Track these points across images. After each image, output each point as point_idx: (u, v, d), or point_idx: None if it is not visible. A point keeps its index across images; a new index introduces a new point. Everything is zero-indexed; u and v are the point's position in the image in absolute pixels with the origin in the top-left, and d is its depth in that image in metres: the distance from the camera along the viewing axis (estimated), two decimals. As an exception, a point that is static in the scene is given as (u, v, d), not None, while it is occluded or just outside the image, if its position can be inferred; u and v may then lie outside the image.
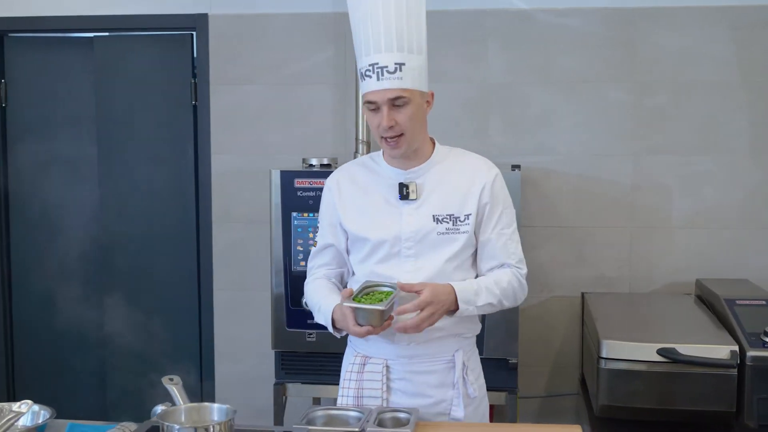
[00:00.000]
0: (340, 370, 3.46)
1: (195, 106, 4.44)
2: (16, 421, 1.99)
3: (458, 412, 2.43)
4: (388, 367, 2.47)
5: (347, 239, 2.53)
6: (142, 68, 4.50)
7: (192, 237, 4.49)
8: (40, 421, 2.17)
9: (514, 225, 2.56)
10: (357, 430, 2.15)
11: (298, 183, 3.48)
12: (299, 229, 3.48)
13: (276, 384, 3.60)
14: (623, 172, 4.12)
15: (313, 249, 2.62)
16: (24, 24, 4.53)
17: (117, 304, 4.56)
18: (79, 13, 4.46)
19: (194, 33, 4.40)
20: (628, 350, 3.15)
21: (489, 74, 4.18)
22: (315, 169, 3.57)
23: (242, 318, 4.35)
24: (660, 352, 3.10)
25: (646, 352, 3.13)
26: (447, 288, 2.36)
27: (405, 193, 2.44)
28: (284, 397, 3.59)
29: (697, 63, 4.04)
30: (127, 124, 4.51)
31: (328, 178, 2.58)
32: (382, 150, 2.52)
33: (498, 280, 2.46)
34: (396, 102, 2.34)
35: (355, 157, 4.04)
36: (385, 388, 2.45)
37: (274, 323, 3.54)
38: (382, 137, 2.39)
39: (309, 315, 3.44)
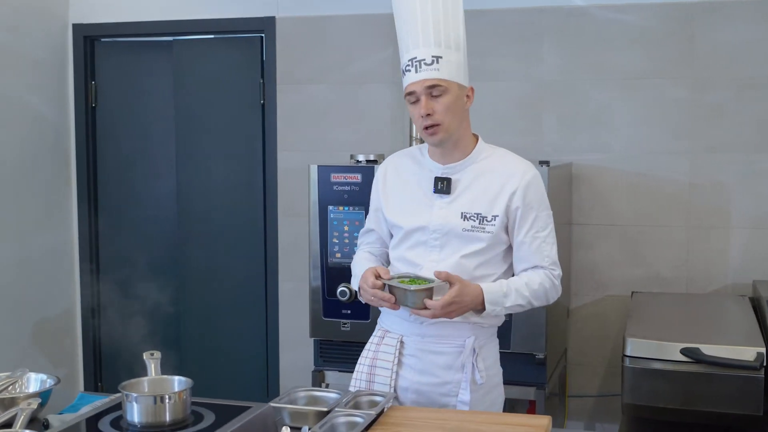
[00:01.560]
0: (374, 360, 3.57)
1: (263, 105, 4.64)
2: (9, 386, 2.19)
3: (465, 396, 2.48)
4: (402, 342, 2.56)
5: (387, 231, 2.66)
6: (215, 69, 4.74)
7: (260, 230, 4.69)
8: (46, 387, 2.35)
9: (550, 228, 2.58)
10: (326, 409, 2.24)
11: (335, 178, 3.60)
12: (335, 223, 3.60)
13: (314, 371, 3.73)
14: (680, 170, 4.03)
15: (362, 229, 2.76)
16: (112, 30, 4.86)
17: (190, 293, 4.83)
18: (160, 18, 4.75)
19: (263, 35, 4.60)
20: (651, 349, 3.10)
21: (544, 72, 4.17)
22: (360, 165, 3.67)
23: (302, 308, 4.50)
24: (683, 351, 3.04)
25: (669, 351, 3.07)
26: (476, 290, 2.42)
27: (439, 187, 2.52)
28: (324, 384, 3.71)
29: (758, 58, 3.91)
30: (202, 122, 4.76)
31: (380, 166, 2.70)
32: None
33: (529, 282, 2.50)
34: (433, 91, 2.42)
35: (409, 155, 4.15)
36: (396, 362, 2.55)
37: (311, 313, 3.68)
38: (422, 127, 2.47)
39: (344, 305, 3.58)
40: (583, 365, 4.17)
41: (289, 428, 1.96)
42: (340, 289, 3.56)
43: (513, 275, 2.58)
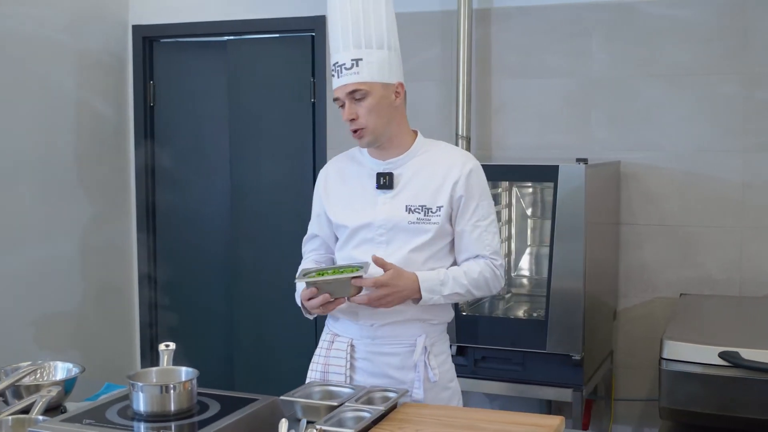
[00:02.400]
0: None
1: (313, 104, 4.68)
2: (29, 373, 2.26)
3: (418, 395, 2.48)
4: (352, 346, 2.56)
5: (332, 228, 2.67)
6: (267, 68, 4.80)
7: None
8: (71, 375, 2.42)
9: (492, 217, 2.57)
10: (336, 404, 2.25)
11: (375, 175, 3.60)
12: (372, 220, 3.60)
13: (353, 368, 3.74)
14: (733, 169, 3.91)
15: (305, 236, 2.77)
16: (169, 30, 4.97)
17: (242, 289, 4.90)
18: (215, 18, 4.83)
19: (314, 34, 4.64)
20: (688, 352, 3.01)
21: (592, 68, 4.10)
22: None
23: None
24: (721, 355, 2.95)
25: (707, 354, 2.97)
26: (411, 276, 2.43)
27: (382, 183, 2.53)
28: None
29: (815, 52, 3.77)
30: (255, 120, 4.83)
31: (321, 170, 2.72)
32: None
33: (468, 271, 2.50)
34: (355, 95, 2.44)
35: (456, 153, 4.12)
36: (348, 366, 2.54)
37: (350, 310, 3.69)
38: (351, 131, 2.50)
39: (381, 303, 3.56)
40: (631, 368, 4.08)
41: (287, 421, 1.97)
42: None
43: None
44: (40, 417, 2.07)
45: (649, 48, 4.00)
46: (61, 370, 2.51)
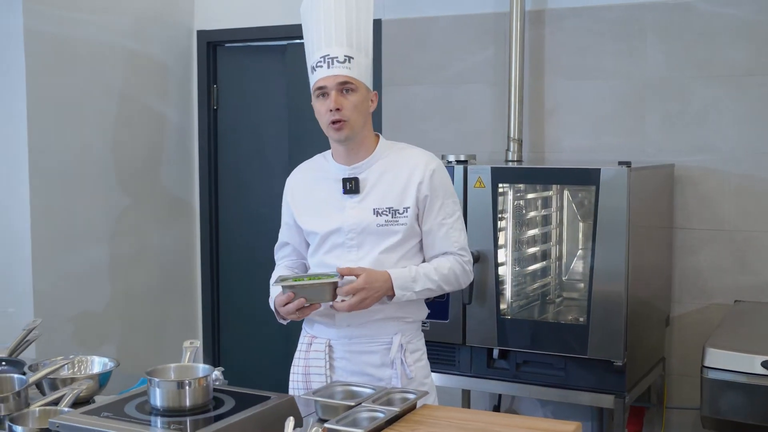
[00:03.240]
0: (453, 360, 3.59)
1: (369, 107, 4.71)
2: (56, 368, 2.36)
3: None
4: (330, 346, 2.64)
5: (303, 242, 2.75)
6: (325, 72, 4.86)
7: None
8: (106, 369, 2.51)
9: (457, 214, 2.64)
10: (353, 404, 2.28)
11: (416, 177, 3.61)
12: (415, 222, 3.62)
13: (397, 369, 3.76)
14: (792, 172, 3.79)
15: (276, 244, 2.84)
16: (232, 35, 5.08)
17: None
18: (276, 23, 4.92)
19: (370, 38, 4.68)
20: (730, 360, 2.95)
21: (647, 69, 4.03)
22: (451, 165, 3.68)
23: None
24: (764, 364, 2.88)
25: (749, 363, 2.92)
26: (384, 275, 2.50)
27: (348, 188, 2.59)
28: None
29: None
30: (313, 123, 4.83)
31: (288, 179, 2.78)
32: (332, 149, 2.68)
33: (438, 267, 2.58)
34: (345, 87, 2.50)
35: (506, 156, 4.12)
36: (328, 366, 2.62)
37: (393, 311, 3.71)
38: (328, 123, 2.53)
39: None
40: (684, 376, 3.99)
41: (293, 419, 2.01)
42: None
43: None
44: (65, 409, 2.15)
45: (704, 48, 3.91)
46: (98, 364, 2.61)
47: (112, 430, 1.95)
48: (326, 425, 2.11)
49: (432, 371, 3.58)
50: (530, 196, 3.91)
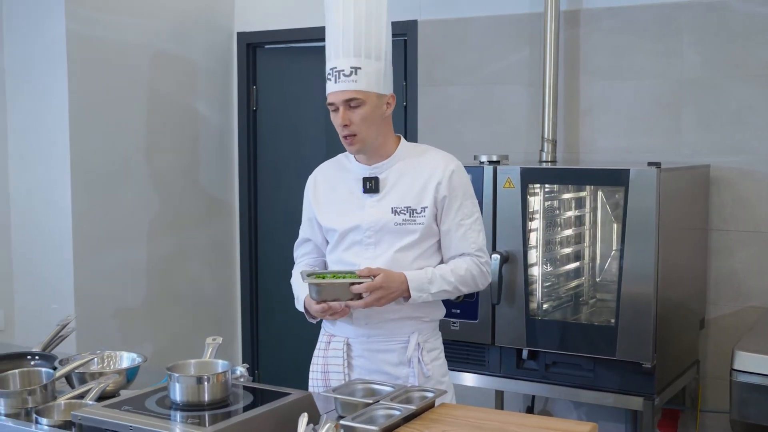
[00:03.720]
0: (483, 360, 3.60)
1: (405, 107, 4.74)
2: (82, 363, 2.43)
3: None
4: (349, 345, 2.68)
5: (322, 240, 2.79)
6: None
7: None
8: (134, 364, 2.57)
9: (476, 216, 2.65)
10: (370, 401, 2.30)
11: (446, 177, 3.62)
12: (445, 222, 3.63)
13: (427, 368, 3.78)
14: (831, 174, 3.72)
15: (296, 241, 2.87)
16: (272, 37, 5.15)
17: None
18: (314, 25, 4.96)
19: (406, 38, 4.70)
20: (761, 363, 2.92)
21: (683, 69, 3.99)
22: (471, 165, 3.68)
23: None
24: (795, 368, 2.84)
25: (778, 366, 2.87)
26: (400, 277, 2.53)
27: (368, 187, 2.63)
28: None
29: None
30: (350, 124, 4.93)
31: (310, 176, 2.84)
32: None
33: (455, 268, 2.59)
34: (351, 103, 2.53)
35: (540, 156, 4.11)
36: (346, 365, 2.67)
37: (423, 311, 3.73)
38: (341, 136, 2.59)
39: (453, 304, 3.60)
40: (720, 379, 3.93)
41: (307, 415, 2.04)
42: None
43: None
44: (90, 402, 2.22)
45: (741, 47, 3.85)
46: (126, 360, 2.67)
47: (130, 423, 2.00)
48: (342, 422, 2.14)
49: (462, 371, 3.64)
50: (565, 196, 3.90)
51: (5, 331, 4.38)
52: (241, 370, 2.57)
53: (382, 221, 2.61)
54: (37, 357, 2.72)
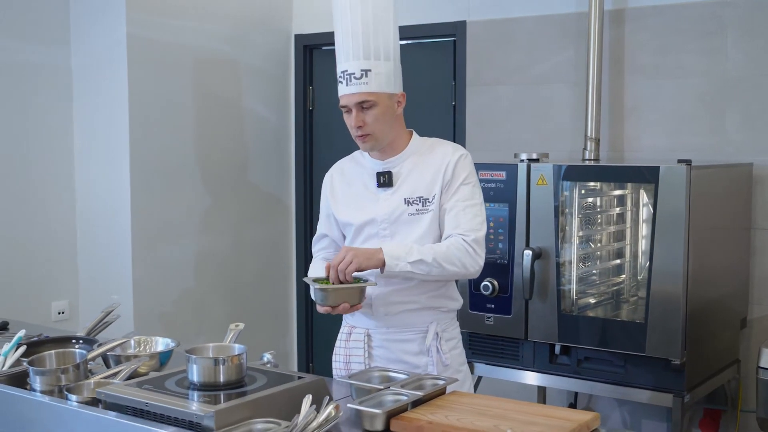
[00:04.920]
0: (517, 355, 3.66)
1: (454, 107, 4.81)
2: (117, 345, 2.58)
3: None
4: (369, 335, 2.77)
5: (339, 236, 2.88)
6: (414, 73, 4.97)
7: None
8: (168, 348, 2.71)
9: (474, 200, 2.68)
10: (381, 387, 2.39)
11: (482, 175, 3.67)
12: (480, 219, 3.69)
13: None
14: None
15: (315, 237, 2.97)
16: (329, 38, 5.23)
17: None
18: (367, 26, 5.08)
19: (455, 39, 4.78)
20: (786, 361, 2.90)
21: (728, 67, 3.96)
22: (504, 163, 3.74)
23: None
24: (820, 366, 2.82)
25: (804, 365, 2.86)
26: (375, 248, 2.62)
27: (382, 182, 2.72)
28: (475, 376, 3.82)
29: None
30: (401, 123, 5.02)
31: (327, 174, 2.92)
32: None
33: (438, 244, 2.63)
34: (363, 105, 2.63)
35: (583, 155, 4.14)
36: (366, 355, 2.76)
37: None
38: (355, 136, 2.69)
39: (487, 299, 3.67)
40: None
41: (311, 396, 2.14)
42: (483, 283, 3.65)
43: None
44: (116, 381, 2.37)
45: (787, 45, 3.82)
46: (161, 344, 2.82)
47: (147, 400, 2.13)
48: (349, 404, 2.24)
49: (497, 365, 3.70)
50: (613, 193, 3.90)
51: (70, 319, 4.62)
52: (267, 356, 2.69)
53: (396, 213, 2.69)
54: (81, 341, 2.90)
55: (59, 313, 4.60)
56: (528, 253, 3.51)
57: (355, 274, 2.62)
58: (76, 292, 4.69)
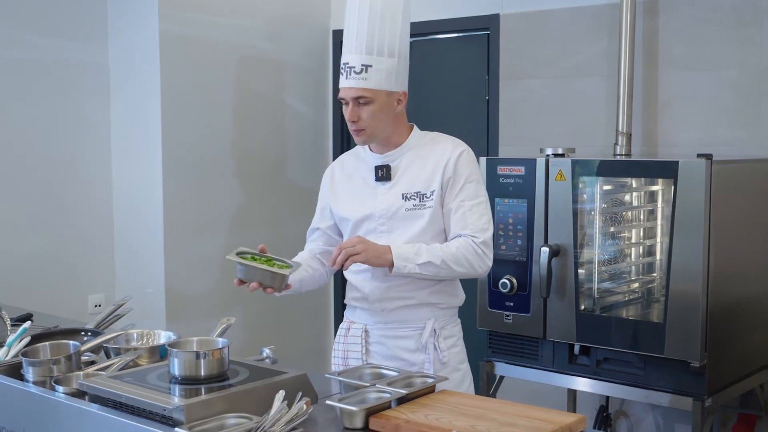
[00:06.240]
0: (536, 354, 3.59)
1: (488, 101, 4.74)
2: (110, 338, 2.61)
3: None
4: (366, 332, 2.73)
5: (334, 223, 2.83)
6: (448, 67, 4.94)
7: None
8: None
9: (480, 198, 2.63)
10: (367, 384, 2.36)
11: (501, 170, 3.62)
12: (500, 215, 3.62)
13: (484, 361, 3.78)
14: None
15: (308, 229, 2.94)
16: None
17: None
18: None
19: (489, 32, 4.70)
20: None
21: (764, 58, 3.81)
22: (523, 158, 3.66)
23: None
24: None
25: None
26: (384, 246, 2.57)
27: (380, 175, 2.67)
28: (493, 375, 3.75)
29: None
30: (435, 117, 4.98)
31: (328, 167, 2.89)
32: None
33: (445, 246, 2.59)
34: (360, 100, 2.58)
35: (614, 149, 4.04)
36: (364, 351, 2.71)
37: (479, 303, 3.73)
38: (351, 129, 2.65)
39: (506, 297, 3.61)
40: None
41: (284, 392, 2.12)
42: (501, 281, 3.59)
43: None
44: (103, 373, 2.39)
45: (827, 34, 3.65)
46: (163, 338, 2.83)
47: (121, 392, 2.15)
48: (327, 401, 2.21)
49: (516, 365, 3.63)
50: (634, 189, 3.79)
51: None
52: (267, 351, 2.69)
53: (394, 208, 2.66)
54: (90, 333, 2.94)
55: (96, 306, 4.68)
56: (545, 250, 3.43)
57: (296, 258, 2.69)
58: (112, 286, 4.77)
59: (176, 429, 2.00)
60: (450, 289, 2.71)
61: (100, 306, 4.69)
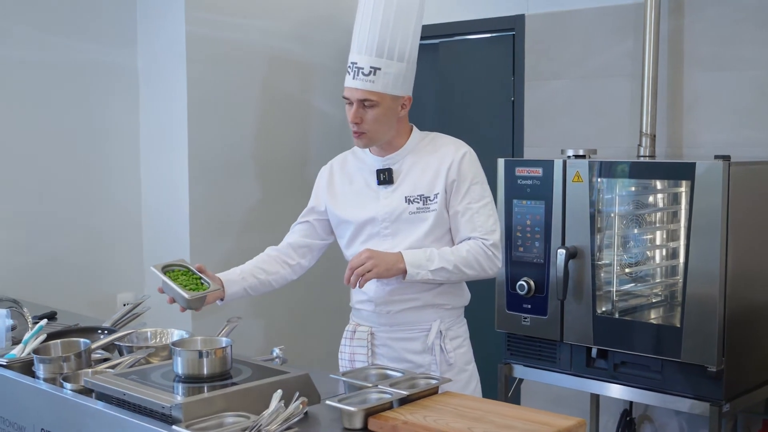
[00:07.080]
0: (554, 357, 3.57)
1: (513, 102, 4.72)
2: (120, 336, 2.64)
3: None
4: (372, 334, 2.72)
5: (325, 219, 2.82)
6: (473, 68, 4.92)
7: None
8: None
9: (485, 201, 2.61)
10: (369, 385, 2.37)
11: (519, 172, 3.60)
12: (518, 216, 3.60)
13: (502, 363, 3.76)
14: None
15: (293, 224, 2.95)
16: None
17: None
18: (430, 22, 5.03)
19: (514, 33, 4.68)
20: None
21: (791, 58, 3.74)
22: (541, 159, 3.63)
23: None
24: None
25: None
26: (395, 253, 2.55)
27: (382, 179, 2.65)
28: (512, 378, 3.73)
29: None
30: (461, 118, 4.97)
31: (325, 166, 2.87)
32: None
33: (456, 250, 2.56)
34: (365, 102, 2.57)
35: (638, 151, 4.00)
36: (370, 353, 2.70)
37: (497, 305, 3.71)
38: (352, 131, 2.64)
39: (524, 299, 3.59)
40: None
41: (282, 391, 2.14)
42: (519, 283, 3.57)
43: None
44: (110, 371, 2.42)
45: None
46: (176, 336, 2.87)
47: (123, 390, 2.18)
48: (327, 401, 2.23)
49: (534, 367, 3.61)
50: (652, 191, 3.74)
51: (134, 311, 4.76)
52: (277, 351, 2.71)
53: (397, 211, 2.65)
54: (106, 331, 3.00)
55: (124, 305, 4.73)
56: (561, 252, 3.40)
57: (255, 261, 2.82)
58: (141, 285, 4.83)
59: (174, 427, 2.02)
60: (455, 290, 2.70)
61: (128, 305, 4.75)
